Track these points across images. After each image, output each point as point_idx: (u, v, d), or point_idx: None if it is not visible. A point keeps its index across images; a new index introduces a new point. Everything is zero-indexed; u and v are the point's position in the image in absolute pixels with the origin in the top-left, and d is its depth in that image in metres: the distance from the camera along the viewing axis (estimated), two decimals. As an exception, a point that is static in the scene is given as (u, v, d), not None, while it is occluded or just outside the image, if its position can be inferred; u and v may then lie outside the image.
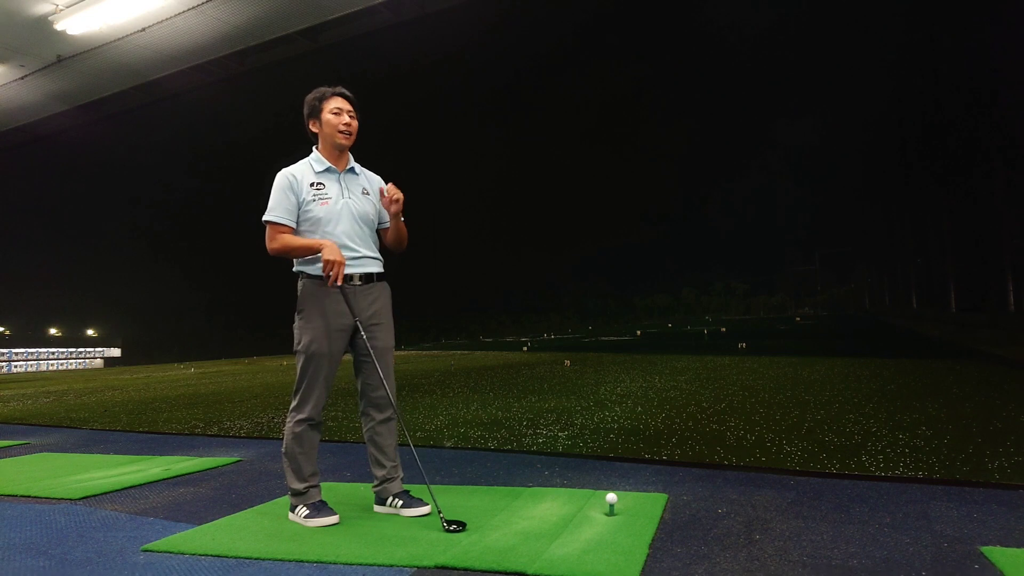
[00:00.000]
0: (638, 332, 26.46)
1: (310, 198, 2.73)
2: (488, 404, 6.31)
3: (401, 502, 2.78)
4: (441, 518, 2.53)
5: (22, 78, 15.38)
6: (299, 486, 2.69)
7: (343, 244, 2.74)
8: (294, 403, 2.73)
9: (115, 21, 12.69)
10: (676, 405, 5.58)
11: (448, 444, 4.38)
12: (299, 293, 2.76)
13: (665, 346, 16.19)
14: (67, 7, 12.12)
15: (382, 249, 2.99)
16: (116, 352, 61.25)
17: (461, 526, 2.49)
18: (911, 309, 24.77)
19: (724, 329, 23.44)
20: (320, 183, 2.76)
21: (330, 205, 2.74)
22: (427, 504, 2.75)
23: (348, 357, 2.89)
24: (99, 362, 58.50)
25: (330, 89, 2.82)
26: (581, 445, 4.08)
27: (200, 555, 2.38)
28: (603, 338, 23.68)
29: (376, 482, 2.84)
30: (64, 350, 58.26)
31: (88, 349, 60.94)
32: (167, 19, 12.96)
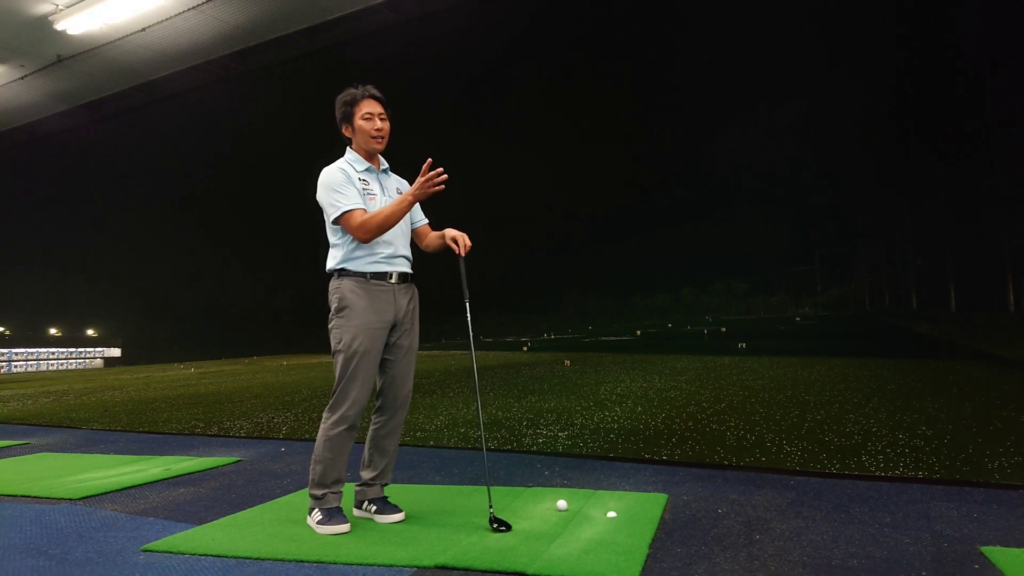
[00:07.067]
0: (638, 332, 26.44)
1: (359, 192, 2.70)
2: (488, 404, 6.31)
3: (375, 507, 2.74)
4: (491, 514, 2.52)
5: (22, 78, 15.39)
6: (318, 492, 2.62)
7: (385, 241, 2.71)
8: (331, 403, 2.65)
9: (115, 21, 12.71)
10: (676, 405, 5.58)
11: (450, 443, 4.39)
12: (339, 292, 2.66)
13: (665, 346, 16.19)
14: (67, 7, 12.13)
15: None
16: (116, 352, 61.11)
17: (507, 527, 2.48)
18: (911, 309, 24.77)
19: (724, 329, 23.43)
20: (365, 179, 2.75)
21: (376, 202, 2.72)
22: (402, 511, 2.72)
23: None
24: (99, 362, 58.38)
25: (359, 91, 2.75)
26: (581, 445, 4.08)
27: (200, 555, 2.38)
28: (603, 338, 23.66)
29: (358, 483, 2.81)
30: (64, 350, 58.09)
31: (88, 349, 60.77)
32: (167, 19, 12.97)
